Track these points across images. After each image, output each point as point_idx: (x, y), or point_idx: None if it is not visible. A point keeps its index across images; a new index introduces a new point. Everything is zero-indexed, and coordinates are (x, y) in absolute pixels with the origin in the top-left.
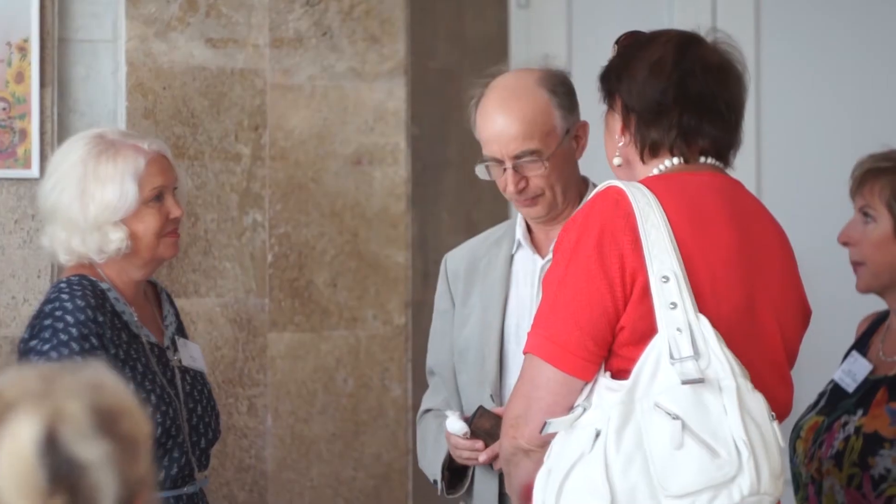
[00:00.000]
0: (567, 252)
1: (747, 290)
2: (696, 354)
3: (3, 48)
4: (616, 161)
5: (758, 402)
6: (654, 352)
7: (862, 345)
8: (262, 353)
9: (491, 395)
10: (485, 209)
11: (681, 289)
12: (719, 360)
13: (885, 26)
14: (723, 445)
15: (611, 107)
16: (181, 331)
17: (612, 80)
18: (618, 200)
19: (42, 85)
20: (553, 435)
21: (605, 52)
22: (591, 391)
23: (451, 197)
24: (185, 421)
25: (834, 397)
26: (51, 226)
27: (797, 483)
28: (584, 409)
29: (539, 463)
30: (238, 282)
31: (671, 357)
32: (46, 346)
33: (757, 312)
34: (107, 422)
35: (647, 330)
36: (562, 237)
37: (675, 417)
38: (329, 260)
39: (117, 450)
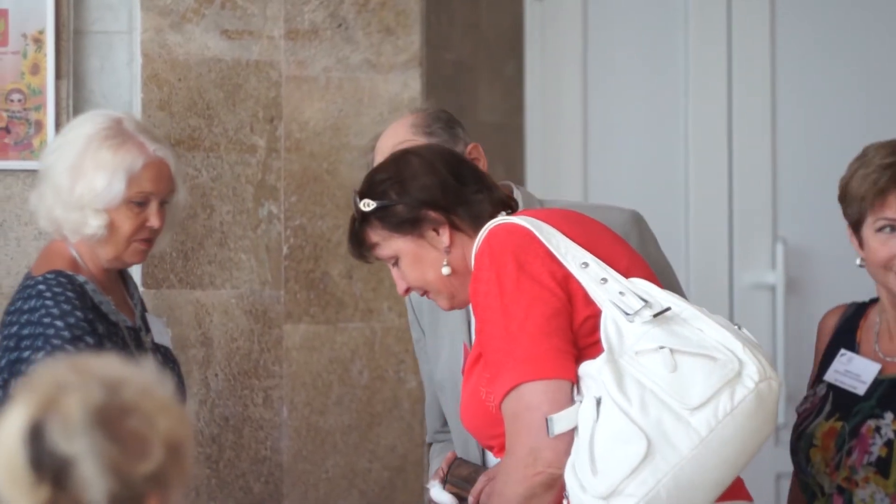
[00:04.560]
0: (493, 291)
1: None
2: (647, 303)
3: (18, 40)
4: (445, 271)
5: (721, 317)
6: (608, 321)
7: (846, 342)
8: (277, 344)
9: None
10: None
11: (603, 267)
12: (668, 301)
13: None
14: (715, 351)
15: (418, 231)
16: (144, 307)
17: (412, 208)
18: (508, 230)
19: (57, 76)
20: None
21: (621, 44)
22: (579, 389)
23: None
24: None
25: (842, 400)
26: (42, 186)
27: (813, 493)
28: (580, 402)
29: (562, 488)
30: (253, 273)
31: (626, 315)
32: (41, 354)
33: None
34: (107, 419)
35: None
36: (475, 288)
37: (661, 347)
38: (344, 252)
39: (114, 448)
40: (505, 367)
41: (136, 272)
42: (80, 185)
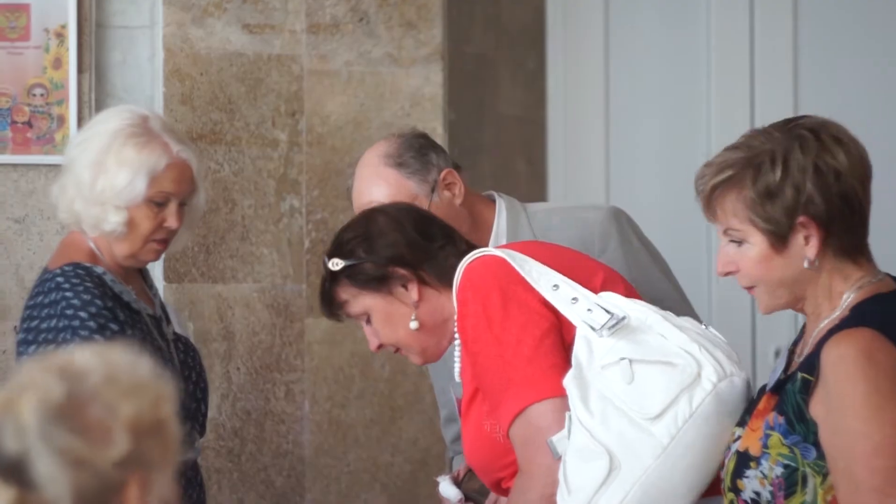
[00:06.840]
0: (482, 323)
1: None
2: (612, 315)
3: (41, 34)
4: (413, 325)
5: (687, 319)
6: (580, 339)
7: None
8: (299, 338)
9: None
10: (521, 193)
11: (573, 287)
12: (634, 309)
13: None
14: (675, 357)
15: (387, 288)
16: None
17: (379, 265)
18: (485, 262)
19: (80, 71)
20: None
21: (643, 37)
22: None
23: (487, 181)
24: (184, 389)
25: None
26: (64, 178)
27: None
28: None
29: None
30: (275, 267)
31: (595, 330)
32: (71, 347)
33: None
34: (64, 413)
35: None
36: (462, 324)
37: (622, 359)
38: None
39: (75, 440)
40: (506, 394)
41: (157, 266)
42: (101, 181)
